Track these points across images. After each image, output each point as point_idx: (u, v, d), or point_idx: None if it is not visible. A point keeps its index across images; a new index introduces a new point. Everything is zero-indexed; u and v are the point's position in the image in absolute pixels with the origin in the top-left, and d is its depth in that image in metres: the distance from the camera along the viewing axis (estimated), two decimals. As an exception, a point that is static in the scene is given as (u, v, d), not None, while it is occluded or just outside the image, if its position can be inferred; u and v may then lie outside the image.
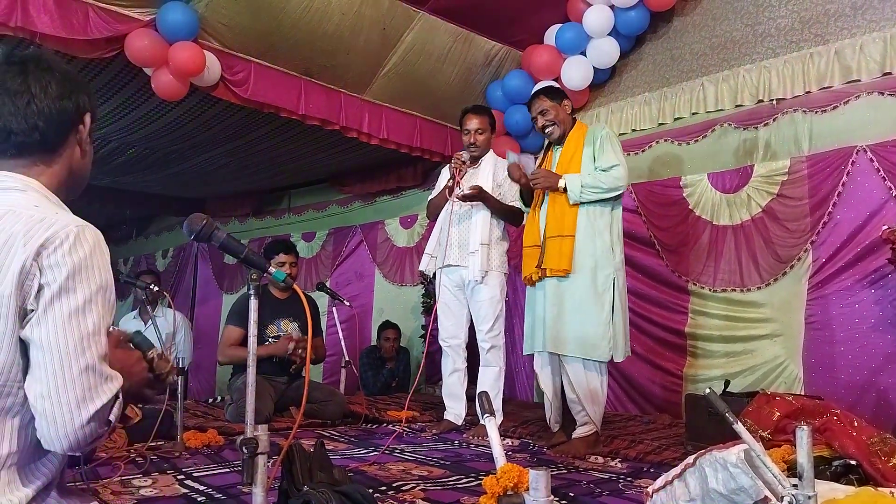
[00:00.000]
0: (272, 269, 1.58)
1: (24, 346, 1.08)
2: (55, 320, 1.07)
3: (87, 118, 1.29)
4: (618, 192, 3.05)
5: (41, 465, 1.15)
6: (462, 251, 3.59)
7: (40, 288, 1.07)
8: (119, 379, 1.15)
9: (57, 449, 1.09)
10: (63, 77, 1.25)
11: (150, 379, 1.28)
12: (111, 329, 1.29)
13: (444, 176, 3.74)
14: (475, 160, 3.68)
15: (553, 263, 3.07)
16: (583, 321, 3.01)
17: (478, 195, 3.48)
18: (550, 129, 3.24)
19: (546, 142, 3.40)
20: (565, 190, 3.07)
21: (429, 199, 3.86)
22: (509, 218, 3.61)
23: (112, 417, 1.13)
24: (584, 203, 3.06)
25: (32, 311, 1.07)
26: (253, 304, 1.54)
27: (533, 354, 3.27)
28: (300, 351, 3.76)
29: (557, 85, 3.55)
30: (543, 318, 3.13)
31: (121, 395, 1.15)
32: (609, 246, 3.04)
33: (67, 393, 1.07)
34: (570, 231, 3.06)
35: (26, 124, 1.19)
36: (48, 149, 1.23)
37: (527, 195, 3.40)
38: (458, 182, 3.54)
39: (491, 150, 3.79)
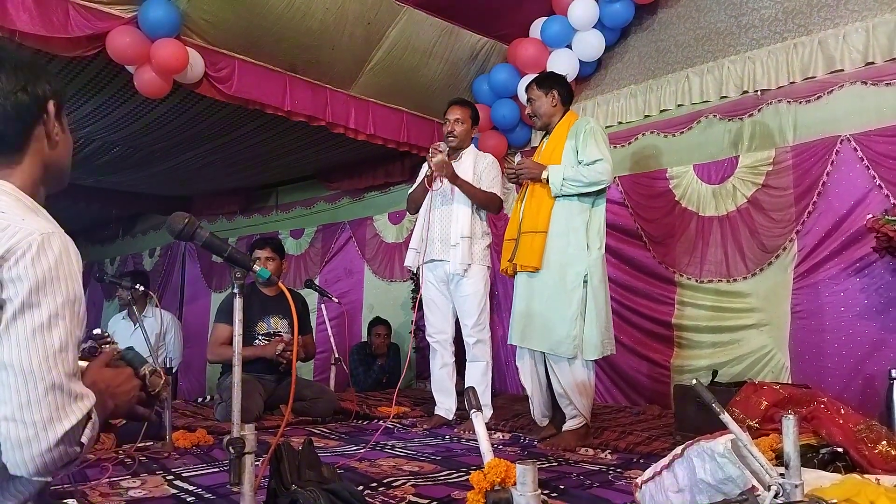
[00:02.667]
0: (256, 267, 1.57)
1: None
2: (18, 338, 1.01)
3: (51, 106, 1.21)
4: (599, 187, 3.05)
5: (19, 483, 1.08)
6: (444, 245, 3.59)
7: (1, 304, 1.01)
8: (90, 398, 1.09)
9: (24, 474, 1.03)
10: (14, 67, 1.16)
11: (143, 396, 1.25)
12: (105, 345, 1.28)
13: (425, 169, 3.74)
14: (455, 152, 3.67)
15: (524, 259, 3.10)
16: (549, 317, 3.03)
17: (450, 169, 3.50)
18: (533, 118, 3.31)
19: (541, 134, 3.41)
20: (548, 181, 3.08)
21: (409, 192, 3.86)
22: (486, 204, 3.60)
23: (85, 439, 1.07)
24: (563, 198, 3.06)
25: None
26: (237, 303, 1.53)
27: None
28: (288, 353, 3.73)
29: (558, 73, 3.52)
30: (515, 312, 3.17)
31: (94, 416, 1.09)
32: (584, 243, 3.04)
33: (33, 414, 1.00)
34: (542, 227, 3.07)
35: None
36: (11, 148, 1.16)
37: None
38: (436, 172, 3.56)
39: (473, 146, 3.80)
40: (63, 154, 1.26)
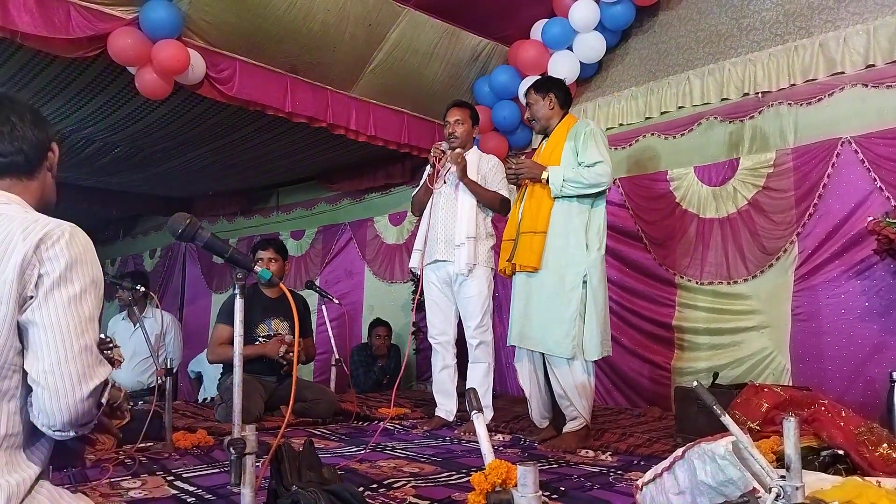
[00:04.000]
0: (258, 268, 1.56)
1: (20, 332, 1.18)
2: (56, 304, 1.18)
3: (55, 146, 1.42)
4: (599, 189, 3.04)
5: (36, 450, 1.24)
6: (448, 246, 3.59)
7: (40, 277, 1.18)
8: (108, 366, 1.27)
9: (56, 421, 1.18)
10: (32, 110, 1.40)
11: (106, 409, 1.31)
12: (109, 350, 1.35)
13: (429, 170, 3.75)
14: (457, 155, 3.67)
15: (523, 259, 3.10)
16: (548, 317, 3.02)
17: (464, 162, 3.53)
18: (532, 123, 3.33)
19: (541, 136, 3.42)
20: (548, 182, 3.08)
21: (413, 194, 3.86)
22: (494, 205, 3.61)
23: (103, 400, 1.24)
24: (562, 198, 3.07)
25: (32, 297, 1.17)
26: (238, 303, 1.53)
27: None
28: (290, 355, 3.73)
29: (555, 77, 3.55)
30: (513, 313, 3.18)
31: (110, 381, 1.26)
32: (583, 244, 3.04)
33: (70, 367, 1.17)
34: (542, 228, 3.08)
35: (12, 147, 1.32)
36: (29, 171, 1.36)
37: None
38: (439, 171, 3.58)
39: (475, 147, 3.80)
40: (54, 190, 1.46)
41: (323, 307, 4.69)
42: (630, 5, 4.49)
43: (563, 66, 4.56)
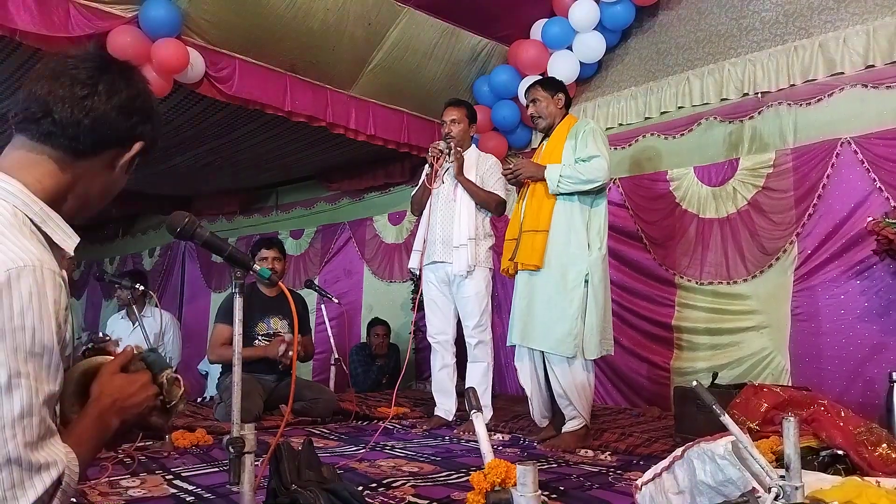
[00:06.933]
0: (256, 267, 1.56)
1: None
2: None
3: (137, 145, 1.15)
4: (597, 185, 3.04)
5: None
6: (447, 247, 3.59)
7: None
8: (58, 463, 0.95)
9: None
10: (137, 95, 1.14)
11: (158, 406, 1.13)
12: (116, 346, 1.14)
13: (427, 170, 3.75)
14: (456, 152, 3.67)
15: (525, 258, 3.11)
16: (550, 316, 3.03)
17: (460, 158, 3.54)
18: (537, 119, 3.30)
19: (542, 136, 3.42)
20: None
21: (412, 194, 3.86)
22: (490, 205, 3.60)
23: (56, 503, 0.95)
24: (562, 197, 3.07)
25: None
26: (238, 302, 1.53)
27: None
28: (290, 353, 3.73)
29: (559, 79, 3.55)
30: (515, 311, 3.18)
31: (66, 480, 0.97)
32: (584, 242, 3.04)
33: None
34: (544, 226, 3.08)
35: (70, 114, 1.05)
36: (76, 150, 1.07)
37: None
38: (437, 170, 3.59)
39: (474, 146, 3.81)
40: (110, 191, 1.18)
41: (322, 306, 4.69)
42: (630, 5, 4.49)
43: (563, 66, 4.56)
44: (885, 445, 2.13)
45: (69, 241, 1.09)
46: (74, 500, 1.90)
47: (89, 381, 1.11)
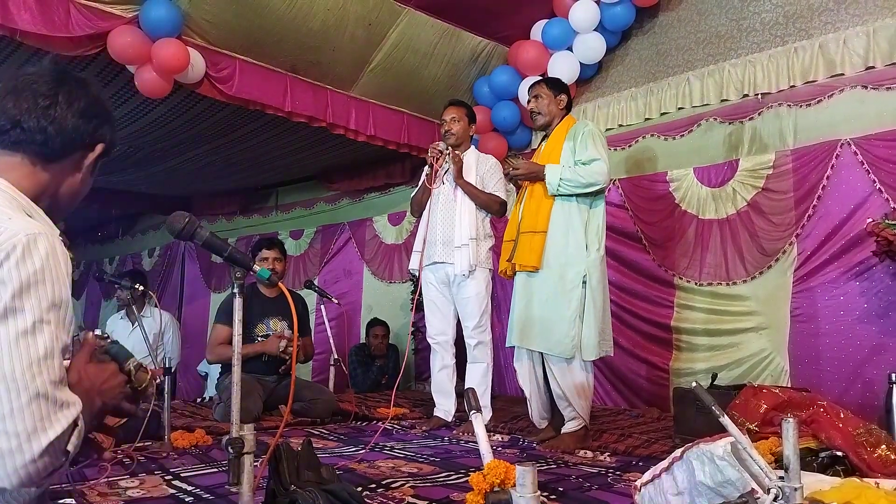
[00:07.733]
0: (256, 267, 1.56)
1: None
2: (0, 344, 0.97)
3: (99, 147, 1.28)
4: (596, 188, 3.04)
5: (11, 493, 1.03)
6: (447, 247, 3.59)
7: None
8: (77, 405, 1.04)
9: (6, 486, 0.98)
10: (94, 101, 1.26)
11: (128, 392, 1.21)
12: (89, 335, 1.22)
13: (427, 170, 3.75)
14: (454, 156, 3.67)
15: (523, 259, 3.11)
16: (549, 317, 3.03)
17: (459, 163, 3.55)
18: (536, 115, 3.29)
19: (541, 136, 3.41)
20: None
21: (412, 195, 3.86)
22: (490, 207, 3.61)
23: (71, 447, 1.02)
24: (561, 198, 3.07)
25: None
26: (237, 303, 1.53)
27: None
28: (290, 349, 3.73)
29: (564, 81, 3.57)
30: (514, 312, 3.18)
31: (80, 423, 1.05)
32: (583, 243, 3.04)
33: (16, 424, 0.96)
34: (542, 227, 3.08)
35: (37, 124, 1.17)
36: (46, 155, 1.19)
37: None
38: (437, 171, 3.59)
39: (474, 147, 3.81)
40: (80, 191, 1.28)
41: (322, 307, 4.69)
42: (630, 6, 4.49)
43: (563, 67, 4.56)
44: (884, 447, 2.13)
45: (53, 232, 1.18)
46: (74, 500, 1.91)
47: None
